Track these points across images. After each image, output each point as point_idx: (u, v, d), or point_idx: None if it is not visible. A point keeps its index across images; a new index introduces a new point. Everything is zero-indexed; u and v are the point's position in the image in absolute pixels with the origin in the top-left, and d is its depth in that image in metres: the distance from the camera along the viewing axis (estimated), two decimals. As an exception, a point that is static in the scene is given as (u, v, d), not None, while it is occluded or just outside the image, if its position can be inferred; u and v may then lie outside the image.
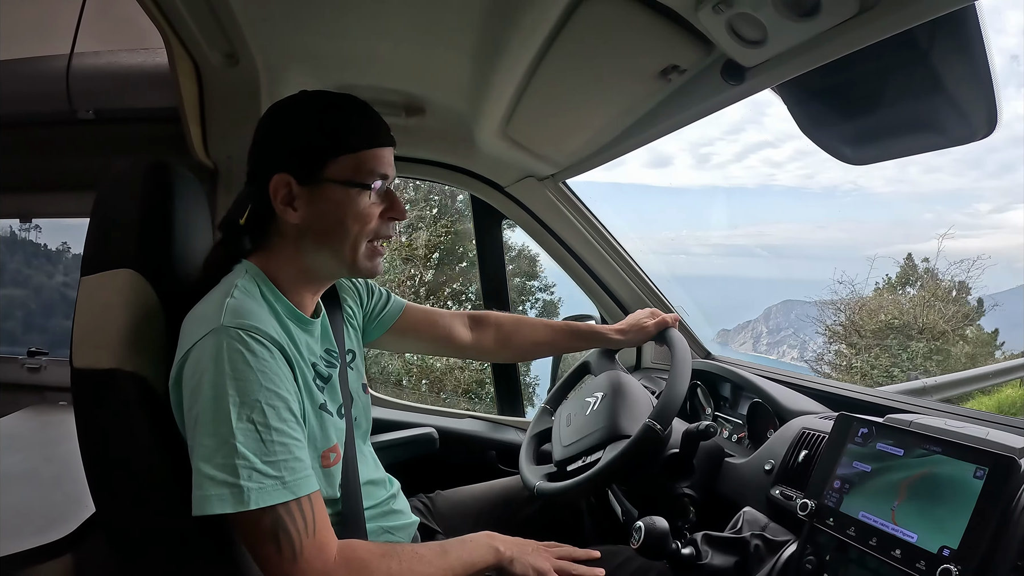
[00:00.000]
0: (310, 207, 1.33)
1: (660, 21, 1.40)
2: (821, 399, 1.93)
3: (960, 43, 1.21)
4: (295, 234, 1.36)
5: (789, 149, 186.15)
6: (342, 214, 1.33)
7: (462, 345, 1.94)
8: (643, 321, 1.98)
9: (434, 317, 1.91)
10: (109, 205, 1.35)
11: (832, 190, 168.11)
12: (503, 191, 2.56)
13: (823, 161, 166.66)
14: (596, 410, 1.84)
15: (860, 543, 1.30)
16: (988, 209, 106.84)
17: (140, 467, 1.21)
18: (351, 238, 1.35)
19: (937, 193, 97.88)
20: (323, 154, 1.32)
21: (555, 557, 1.42)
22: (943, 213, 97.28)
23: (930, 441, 1.30)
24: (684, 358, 1.75)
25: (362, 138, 1.35)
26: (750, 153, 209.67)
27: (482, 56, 1.74)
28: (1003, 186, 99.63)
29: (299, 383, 1.27)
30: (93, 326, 1.26)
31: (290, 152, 1.32)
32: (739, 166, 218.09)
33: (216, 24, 1.67)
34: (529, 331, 2.02)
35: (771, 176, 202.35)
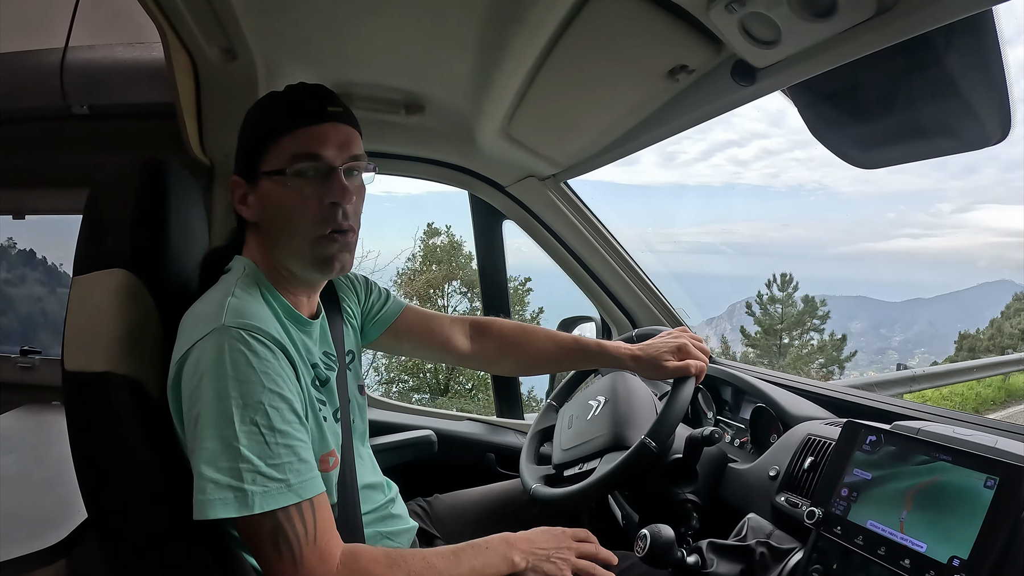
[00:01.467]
0: (256, 205, 1.33)
1: (670, 20, 1.39)
2: (824, 404, 1.92)
3: (975, 46, 1.21)
4: (257, 233, 1.37)
5: (755, 148, 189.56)
6: (280, 207, 1.31)
7: (460, 353, 1.86)
8: (664, 357, 1.70)
9: (432, 322, 1.83)
10: (103, 202, 1.33)
11: (797, 189, 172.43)
12: (503, 191, 2.55)
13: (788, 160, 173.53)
14: (597, 415, 1.82)
15: (868, 552, 1.28)
16: (950, 209, 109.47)
17: (134, 473, 1.19)
18: (298, 231, 1.31)
19: (901, 193, 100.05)
20: (257, 148, 1.31)
21: (579, 555, 1.38)
22: (906, 213, 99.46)
23: (939, 449, 1.28)
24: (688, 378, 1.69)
25: (281, 122, 1.30)
26: (716, 152, 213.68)
27: (485, 53, 1.72)
28: (965, 187, 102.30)
29: (300, 386, 1.25)
30: (85, 328, 1.24)
31: (238, 152, 1.35)
32: (705, 164, 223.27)
33: (213, 19, 1.65)
34: (533, 346, 1.86)
35: (736, 175, 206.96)
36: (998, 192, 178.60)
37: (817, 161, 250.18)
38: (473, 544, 1.32)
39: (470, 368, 2.15)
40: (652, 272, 2.63)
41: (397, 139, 2.32)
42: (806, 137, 1.62)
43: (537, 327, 1.92)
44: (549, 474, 1.83)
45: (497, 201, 2.58)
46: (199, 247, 1.41)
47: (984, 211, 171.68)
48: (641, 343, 1.76)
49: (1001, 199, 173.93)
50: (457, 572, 1.25)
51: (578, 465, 1.76)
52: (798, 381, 2.15)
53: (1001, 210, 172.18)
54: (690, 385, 1.64)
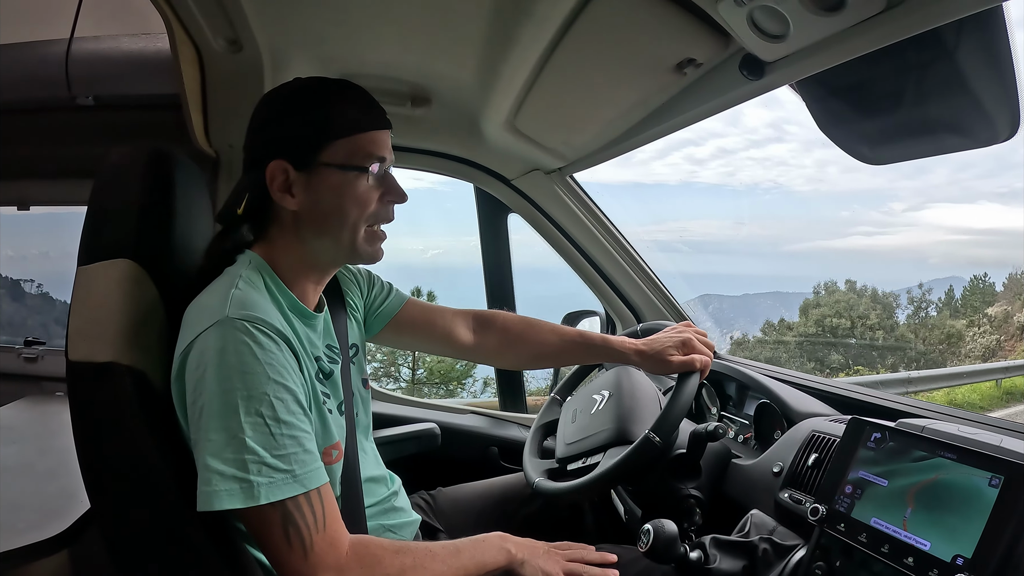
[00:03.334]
0: (307, 193, 1.32)
1: (678, 13, 1.39)
2: (829, 401, 1.91)
3: (985, 43, 1.20)
4: (293, 221, 1.35)
5: (711, 147, 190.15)
6: (340, 198, 1.32)
7: (462, 346, 1.86)
8: (668, 352, 1.69)
9: (434, 316, 1.84)
10: (108, 193, 1.33)
11: (753, 188, 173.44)
12: (509, 184, 2.55)
13: (744, 159, 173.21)
14: (601, 410, 1.82)
15: (872, 550, 1.28)
16: (903, 208, 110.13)
17: (137, 463, 1.19)
18: (350, 223, 1.34)
19: (854, 192, 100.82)
20: (319, 139, 1.31)
21: (567, 560, 1.41)
22: (859, 211, 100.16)
23: (944, 447, 1.28)
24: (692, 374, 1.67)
25: (357, 121, 1.34)
26: (673, 151, 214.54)
27: (492, 46, 1.72)
28: (917, 186, 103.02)
29: (304, 378, 1.25)
30: (90, 318, 1.24)
31: (286, 138, 1.32)
32: (662, 163, 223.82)
33: (219, 9, 1.64)
34: (536, 338, 1.85)
35: (693, 174, 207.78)
36: (949, 191, 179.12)
37: (772, 160, 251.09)
38: (473, 539, 1.35)
39: (472, 361, 2.13)
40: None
41: (403, 131, 2.30)
42: (762, 136, 1.64)
43: (542, 321, 1.90)
44: (552, 468, 1.83)
45: (503, 194, 2.59)
46: (204, 238, 1.40)
47: (935, 210, 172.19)
48: (646, 338, 1.76)
49: (952, 198, 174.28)
50: (458, 561, 1.28)
51: (582, 459, 1.76)
52: (803, 377, 2.14)
53: (952, 209, 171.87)
54: (695, 380, 1.63)
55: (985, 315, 31.78)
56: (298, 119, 1.32)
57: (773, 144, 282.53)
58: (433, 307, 1.87)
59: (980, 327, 31.32)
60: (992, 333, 30.50)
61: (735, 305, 30.74)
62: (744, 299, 45.80)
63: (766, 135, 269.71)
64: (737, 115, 59.11)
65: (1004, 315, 31.15)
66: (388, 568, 1.19)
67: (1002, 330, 30.54)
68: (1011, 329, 30.70)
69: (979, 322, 31.63)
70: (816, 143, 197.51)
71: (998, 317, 31.14)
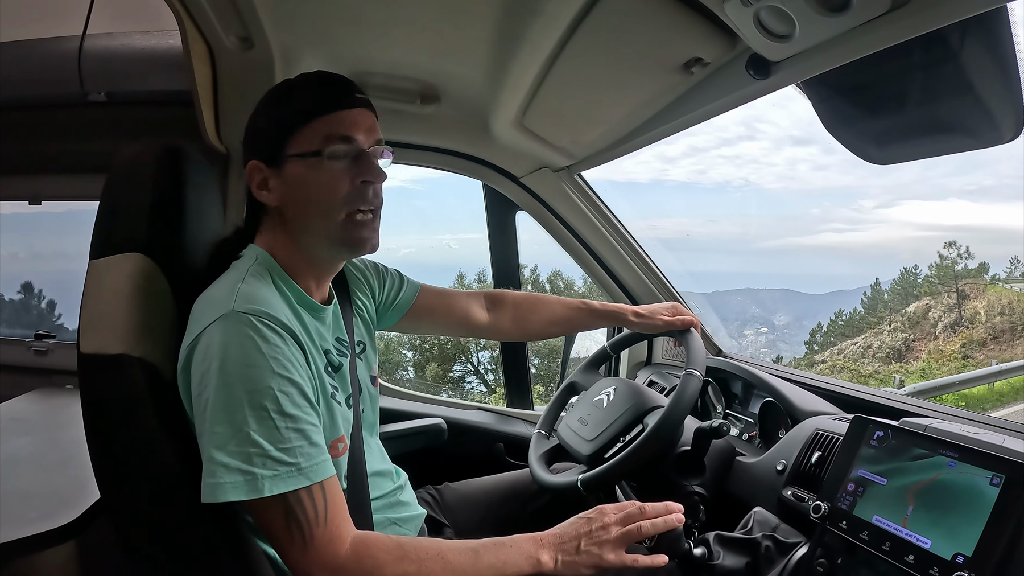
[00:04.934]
0: (282, 188, 1.34)
1: (685, 13, 1.39)
2: (833, 400, 1.92)
3: (990, 44, 1.21)
4: (278, 218, 1.37)
5: (682, 145, 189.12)
6: (308, 188, 1.32)
7: (479, 325, 1.94)
8: (660, 313, 1.92)
9: (451, 299, 1.90)
10: (120, 188, 1.34)
11: (724, 186, 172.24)
12: (517, 182, 2.55)
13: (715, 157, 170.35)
14: (615, 399, 1.84)
15: (873, 547, 1.29)
16: (873, 205, 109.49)
17: (147, 454, 1.20)
18: (323, 210, 1.33)
19: (824, 190, 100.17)
20: (282, 133, 1.32)
21: (622, 521, 1.30)
22: (830, 208, 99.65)
23: (946, 446, 1.29)
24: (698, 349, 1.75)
25: (313, 106, 1.33)
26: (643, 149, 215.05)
27: (501, 44, 1.72)
28: (887, 184, 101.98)
29: (311, 370, 1.26)
30: (101, 310, 1.25)
31: (256, 138, 1.35)
32: (632, 161, 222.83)
33: (231, 7, 1.65)
34: (546, 310, 1.99)
35: (664, 172, 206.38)
36: (918, 189, 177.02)
37: (743, 158, 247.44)
38: (496, 541, 1.26)
39: (488, 339, 2.16)
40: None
41: (412, 128, 2.33)
42: (732, 135, 1.65)
43: (545, 295, 2.05)
44: (584, 469, 1.81)
45: (511, 192, 2.59)
46: (214, 233, 1.41)
47: (905, 207, 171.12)
48: (642, 306, 1.99)
49: (921, 195, 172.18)
50: (474, 570, 1.20)
51: (619, 440, 1.75)
52: (807, 376, 2.15)
53: (922, 205, 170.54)
54: (697, 336, 1.74)
55: (902, 313, 31.05)
56: (263, 116, 1.36)
57: (744, 142, 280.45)
58: (447, 291, 1.91)
59: (892, 325, 30.63)
60: (903, 331, 29.81)
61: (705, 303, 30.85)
62: (715, 296, 45.47)
63: (737, 133, 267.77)
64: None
65: (924, 310, 30.24)
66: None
67: (918, 328, 29.68)
68: (926, 327, 29.92)
69: (892, 320, 30.83)
70: (786, 141, 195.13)
71: (917, 313, 30.28)
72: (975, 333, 29.38)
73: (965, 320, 30.41)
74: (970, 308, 30.65)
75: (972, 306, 30.76)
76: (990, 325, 29.66)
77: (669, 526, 1.30)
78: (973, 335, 29.34)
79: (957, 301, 31.56)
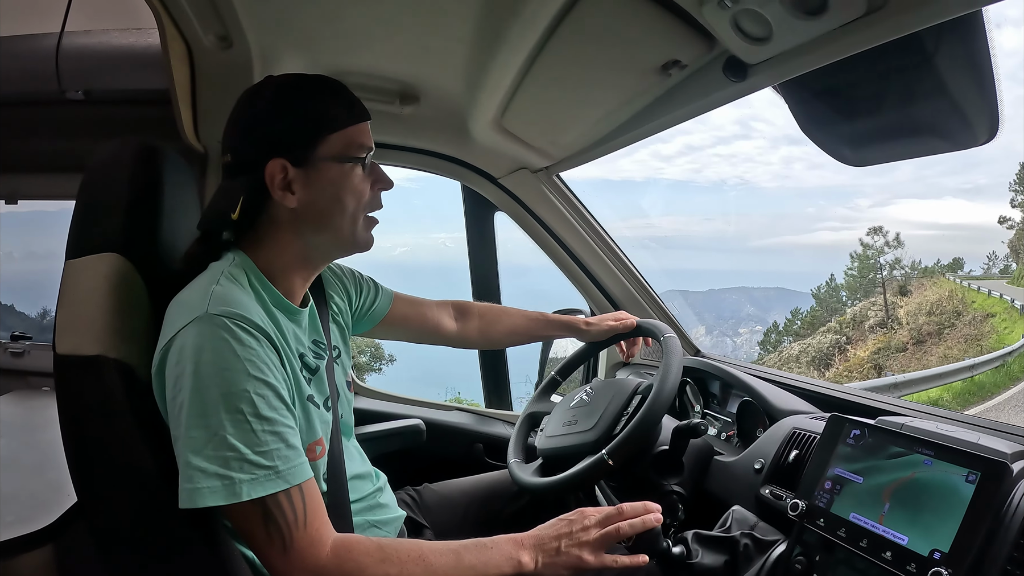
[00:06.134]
0: (307, 188, 1.33)
1: (663, 15, 1.40)
2: (811, 399, 1.94)
3: (965, 47, 1.22)
4: (291, 219, 1.35)
5: (678, 144, 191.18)
6: (339, 191, 1.34)
7: (447, 335, 2.00)
8: (606, 320, 2.11)
9: (423, 309, 1.94)
10: (96, 188, 1.33)
11: (720, 184, 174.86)
12: (496, 182, 2.56)
13: (711, 156, 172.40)
14: (596, 394, 1.89)
15: (851, 544, 1.31)
16: (868, 204, 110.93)
17: (123, 457, 1.19)
18: (349, 213, 1.37)
19: (820, 188, 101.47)
20: (314, 134, 1.32)
21: (601, 523, 1.31)
22: (825, 207, 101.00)
23: (922, 444, 1.31)
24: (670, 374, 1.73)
25: (346, 115, 1.36)
26: (639, 147, 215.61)
27: (480, 45, 1.73)
28: (883, 183, 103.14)
29: (287, 372, 1.25)
30: (77, 311, 1.24)
31: (282, 137, 1.32)
32: (629, 160, 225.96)
33: (210, 6, 1.64)
34: (508, 320, 2.11)
35: (659, 170, 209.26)
36: (914, 188, 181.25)
37: (739, 157, 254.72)
38: (477, 542, 1.26)
39: (455, 347, 2.17)
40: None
41: (391, 129, 2.32)
42: (728, 133, 1.66)
43: (507, 306, 2.19)
44: (535, 464, 1.83)
45: (489, 192, 2.59)
46: (191, 233, 1.40)
47: (901, 205, 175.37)
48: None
49: (917, 194, 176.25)
50: (455, 571, 1.21)
51: (623, 416, 1.76)
52: (785, 376, 2.17)
53: (917, 204, 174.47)
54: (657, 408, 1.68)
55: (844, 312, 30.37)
56: (291, 117, 1.32)
57: (740, 141, 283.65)
58: (420, 300, 1.95)
59: (825, 325, 30.14)
60: (835, 333, 29.30)
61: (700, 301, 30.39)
62: (710, 295, 45.53)
63: (733, 132, 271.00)
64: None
65: (862, 310, 29.61)
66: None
67: (856, 329, 29.03)
68: (865, 328, 29.10)
69: (840, 319, 30.26)
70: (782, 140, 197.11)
71: (857, 315, 29.68)
72: (897, 336, 28.53)
73: (892, 320, 29.68)
74: (914, 305, 29.96)
75: (916, 303, 29.99)
76: (914, 327, 28.82)
77: (648, 526, 1.31)
78: (892, 339, 28.47)
79: (884, 299, 30.92)
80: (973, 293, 30.59)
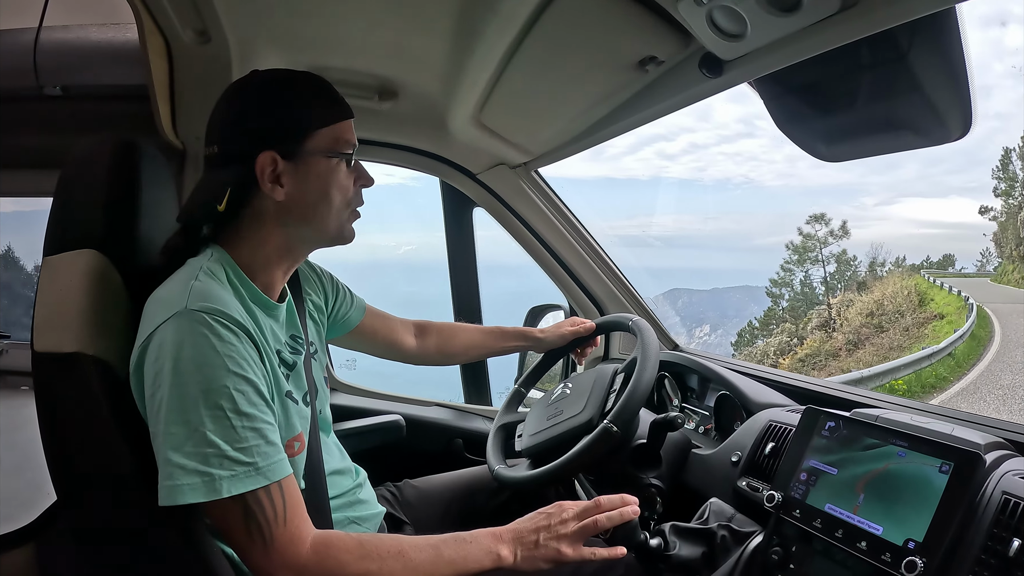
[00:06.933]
0: (295, 182, 1.34)
1: (640, 11, 1.41)
2: (788, 392, 1.96)
3: (939, 44, 1.23)
4: (277, 211, 1.35)
5: (682, 143, 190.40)
6: (326, 185, 1.36)
7: (409, 352, 2.04)
8: (564, 326, 2.13)
9: (390, 324, 1.98)
10: (74, 184, 1.33)
11: (724, 183, 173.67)
12: (474, 178, 2.56)
13: (715, 155, 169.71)
14: (576, 385, 1.89)
15: (826, 535, 1.33)
16: (874, 203, 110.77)
17: (102, 454, 1.19)
18: (335, 207, 1.39)
19: (824, 187, 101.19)
20: (304, 128, 1.33)
21: (579, 516, 1.32)
22: (830, 206, 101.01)
23: (896, 436, 1.33)
24: (651, 343, 1.76)
25: (334, 111, 1.39)
26: (644, 146, 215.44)
27: (458, 41, 1.73)
28: (887, 181, 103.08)
29: (266, 368, 1.25)
30: (55, 308, 1.24)
31: (273, 130, 1.33)
32: (633, 158, 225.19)
33: (189, 1, 1.63)
34: (465, 335, 2.14)
35: (664, 169, 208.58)
36: (919, 187, 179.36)
37: (743, 156, 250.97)
38: (456, 536, 1.27)
39: (413, 364, 2.19)
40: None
41: (370, 124, 2.32)
42: (732, 132, 1.67)
43: (465, 324, 2.24)
44: (516, 462, 1.83)
45: (468, 188, 2.59)
46: (169, 229, 1.39)
47: (906, 204, 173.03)
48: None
49: (923, 193, 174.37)
50: (434, 567, 1.22)
51: (611, 393, 1.77)
52: (762, 370, 2.18)
53: (923, 203, 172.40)
54: (646, 375, 1.69)
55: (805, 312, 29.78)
56: (283, 110, 1.34)
57: (744, 139, 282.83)
58: (388, 315, 1.99)
59: (779, 325, 29.73)
60: (789, 335, 28.61)
61: (704, 299, 30.25)
62: (713, 293, 45.57)
63: (737, 130, 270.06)
64: (708, 110, 58.60)
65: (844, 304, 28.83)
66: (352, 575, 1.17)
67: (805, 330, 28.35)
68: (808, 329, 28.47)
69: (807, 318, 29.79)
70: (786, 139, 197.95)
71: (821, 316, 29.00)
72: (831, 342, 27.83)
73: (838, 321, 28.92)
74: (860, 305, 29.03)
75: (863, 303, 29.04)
76: (851, 329, 28.11)
77: (624, 518, 1.32)
78: (823, 345, 27.76)
79: (826, 296, 30.49)
80: (936, 291, 30.14)
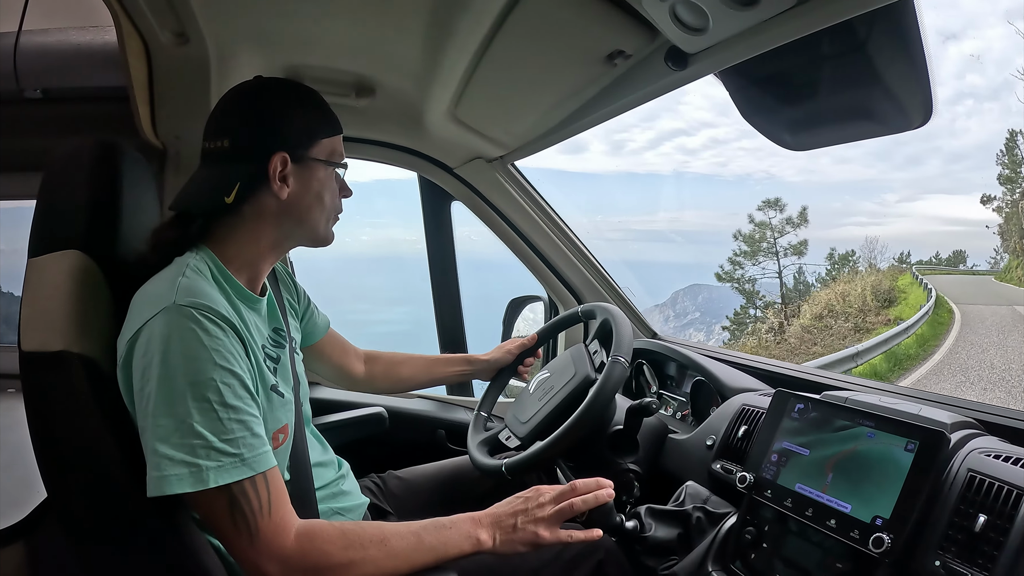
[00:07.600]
0: (298, 184, 1.41)
1: (606, 7, 1.44)
2: (762, 377, 2.00)
3: (897, 33, 1.25)
4: (276, 209, 1.40)
5: (703, 137, 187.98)
6: (322, 190, 1.46)
7: (357, 378, 2.08)
8: (507, 346, 2.17)
9: (344, 348, 2.02)
10: (56, 186, 1.35)
11: (745, 178, 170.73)
12: (452, 172, 2.58)
13: (736, 150, 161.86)
14: (557, 365, 1.93)
15: (797, 514, 1.36)
16: (896, 199, 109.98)
17: (91, 450, 1.21)
18: (326, 211, 1.48)
19: (846, 183, 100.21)
20: (312, 136, 1.42)
21: (555, 500, 1.35)
22: (851, 202, 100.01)
23: (863, 416, 1.36)
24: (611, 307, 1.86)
25: (335, 125, 1.50)
26: (665, 140, 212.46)
27: (432, 38, 1.75)
28: (910, 178, 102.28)
29: (251, 362, 1.27)
30: (41, 308, 1.25)
31: (288, 133, 1.39)
32: (653, 153, 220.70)
33: (166, 2, 1.64)
34: (411, 363, 2.16)
35: (685, 163, 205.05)
36: (942, 183, 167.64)
37: (764, 151, 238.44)
38: (435, 522, 1.30)
39: (360, 391, 2.21)
40: (604, 259, 2.69)
41: (347, 122, 2.26)
42: (752, 127, 1.68)
43: (412, 353, 2.24)
44: (514, 451, 1.83)
45: (446, 183, 2.61)
46: (150, 228, 1.41)
47: (930, 200, 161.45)
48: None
49: (946, 189, 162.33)
50: (416, 553, 1.25)
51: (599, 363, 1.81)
52: (736, 355, 2.22)
53: (947, 199, 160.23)
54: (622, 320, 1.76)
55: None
56: (299, 116, 1.42)
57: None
58: (345, 341, 2.03)
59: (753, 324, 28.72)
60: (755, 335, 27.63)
61: (725, 294, 29.76)
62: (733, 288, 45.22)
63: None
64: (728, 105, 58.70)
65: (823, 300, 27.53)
66: (336, 565, 1.19)
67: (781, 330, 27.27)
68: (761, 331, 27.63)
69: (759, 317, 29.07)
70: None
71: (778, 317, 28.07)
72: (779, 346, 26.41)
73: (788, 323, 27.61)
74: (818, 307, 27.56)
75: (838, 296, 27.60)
76: (794, 332, 26.71)
77: (600, 501, 1.35)
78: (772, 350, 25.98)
79: (782, 293, 29.85)
80: (917, 289, 29.43)
